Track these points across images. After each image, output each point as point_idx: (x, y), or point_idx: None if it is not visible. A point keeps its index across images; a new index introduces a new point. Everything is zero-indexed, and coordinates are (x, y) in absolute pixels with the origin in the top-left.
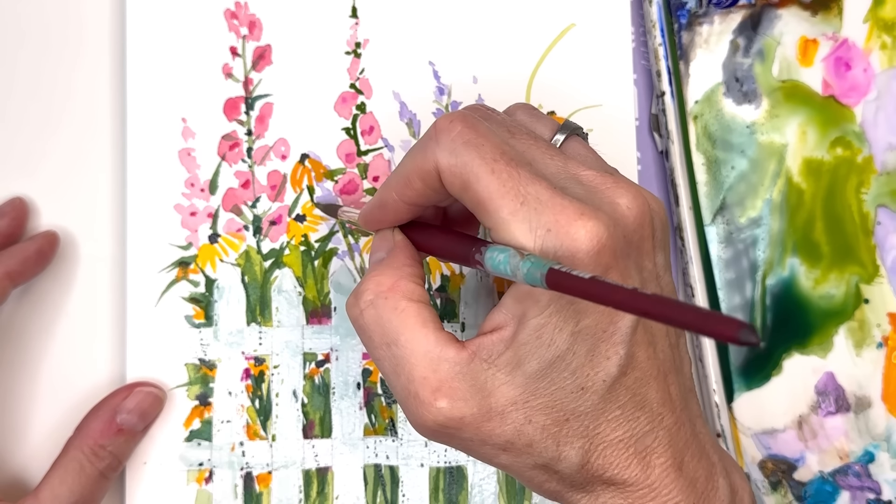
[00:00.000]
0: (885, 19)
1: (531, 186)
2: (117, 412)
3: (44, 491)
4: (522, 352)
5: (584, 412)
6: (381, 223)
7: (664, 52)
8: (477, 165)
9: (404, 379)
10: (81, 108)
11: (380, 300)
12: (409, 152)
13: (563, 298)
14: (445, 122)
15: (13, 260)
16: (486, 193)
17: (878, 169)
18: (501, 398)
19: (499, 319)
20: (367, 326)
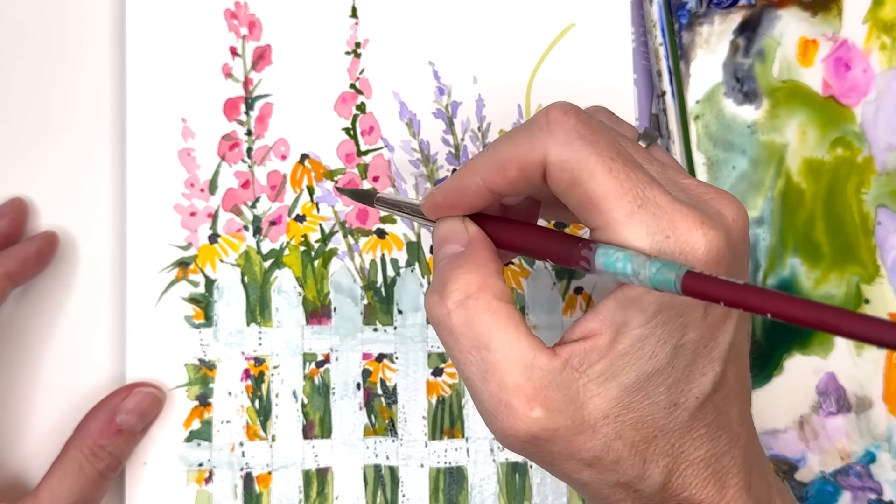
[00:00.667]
0: (884, 20)
1: (649, 190)
2: (117, 412)
3: (43, 491)
4: (620, 363)
5: (673, 429)
6: (452, 210)
7: (665, 52)
8: (593, 162)
9: (495, 386)
10: (81, 109)
11: (471, 301)
12: (508, 138)
13: (672, 310)
14: (559, 112)
15: (12, 260)
16: (600, 192)
17: (878, 169)
18: (594, 410)
19: (592, 326)
20: (454, 328)
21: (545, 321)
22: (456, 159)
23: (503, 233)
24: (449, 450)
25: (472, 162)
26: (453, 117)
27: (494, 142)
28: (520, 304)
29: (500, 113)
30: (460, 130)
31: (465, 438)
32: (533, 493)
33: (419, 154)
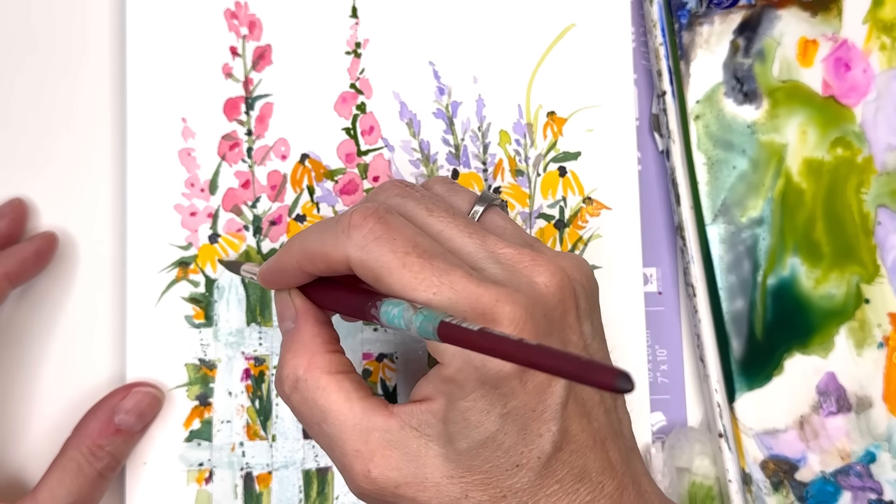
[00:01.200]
0: (884, 20)
1: (444, 276)
2: (115, 412)
3: (42, 492)
4: (452, 430)
5: (521, 488)
6: (280, 285)
7: (665, 52)
8: (388, 260)
9: (338, 453)
10: (82, 109)
11: (300, 383)
12: (316, 232)
13: (487, 384)
14: (359, 217)
15: (11, 261)
16: (398, 286)
17: (877, 169)
18: (436, 470)
19: (427, 391)
20: (295, 409)
21: None
22: (456, 159)
23: (317, 296)
24: None
25: (290, 244)
26: (453, 117)
27: (307, 230)
28: None
29: (500, 113)
30: (460, 130)
31: None
32: None
33: (419, 154)
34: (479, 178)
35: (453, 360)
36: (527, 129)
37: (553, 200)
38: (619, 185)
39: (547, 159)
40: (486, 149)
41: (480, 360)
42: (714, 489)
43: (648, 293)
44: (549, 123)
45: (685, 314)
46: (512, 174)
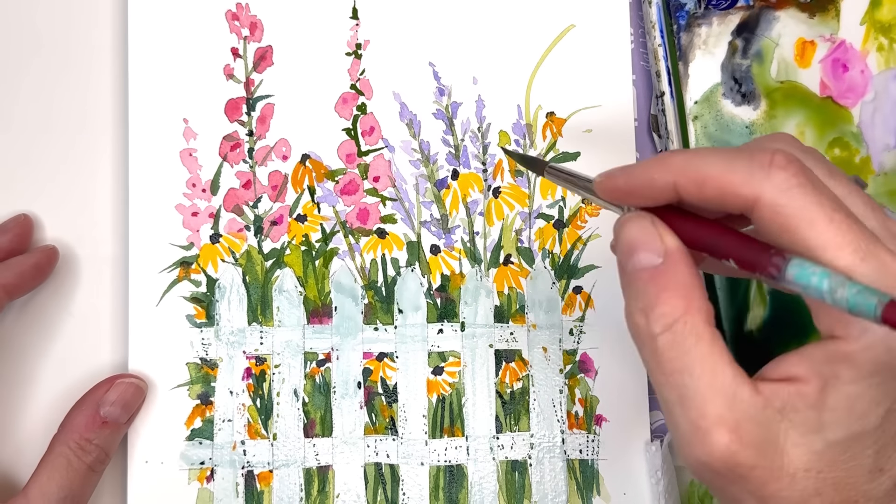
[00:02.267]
0: (881, 21)
1: (872, 245)
2: (100, 405)
3: (32, 489)
4: (828, 417)
5: (876, 496)
6: (629, 198)
7: (663, 53)
8: (814, 211)
9: (694, 413)
10: (84, 109)
11: (678, 325)
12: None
13: (890, 371)
14: (783, 159)
15: (10, 273)
16: (819, 241)
17: (875, 169)
18: (795, 460)
19: (797, 370)
20: (660, 351)
21: (544, 320)
22: (456, 160)
23: (687, 230)
24: (449, 448)
25: (669, 158)
26: (453, 118)
27: (704, 151)
28: (519, 303)
29: (500, 113)
30: (460, 131)
31: (465, 437)
32: (532, 491)
33: (419, 154)
34: (478, 179)
35: (863, 336)
36: (526, 129)
37: (552, 200)
38: None
39: (546, 160)
40: (486, 149)
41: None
42: None
43: None
44: (548, 124)
45: None
46: (511, 174)
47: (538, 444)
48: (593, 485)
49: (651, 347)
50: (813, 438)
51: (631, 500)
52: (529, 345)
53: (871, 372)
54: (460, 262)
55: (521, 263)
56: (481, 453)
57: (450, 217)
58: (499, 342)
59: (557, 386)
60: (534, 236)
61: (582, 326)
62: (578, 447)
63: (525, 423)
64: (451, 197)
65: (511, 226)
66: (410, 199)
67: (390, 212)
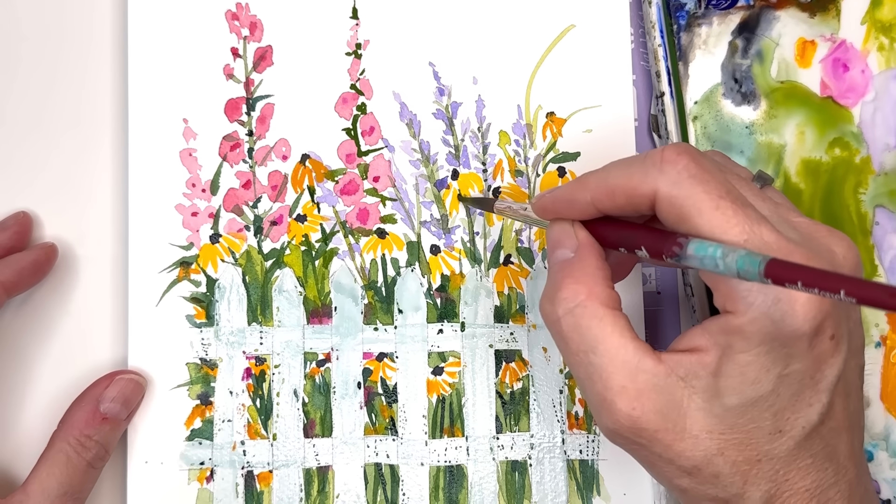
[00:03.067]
0: (882, 21)
1: (756, 227)
2: (100, 401)
3: (32, 485)
4: (724, 384)
5: (778, 456)
6: (558, 216)
7: (663, 53)
8: (701, 200)
9: (600, 386)
10: (83, 109)
11: (578, 308)
12: (622, 167)
13: (776, 340)
14: (672, 152)
15: (8, 270)
16: (707, 227)
17: (875, 169)
18: (697, 423)
19: (699, 342)
20: (564, 333)
21: None
22: (456, 160)
23: (603, 232)
24: (449, 448)
25: (585, 178)
26: (453, 118)
27: (609, 165)
28: (519, 303)
29: (500, 113)
30: (460, 131)
31: (465, 437)
32: (532, 491)
33: (419, 154)
34: (478, 179)
35: (749, 310)
36: (526, 129)
37: None
38: None
39: (546, 160)
40: (486, 149)
41: (780, 314)
42: None
43: (647, 293)
44: (548, 124)
45: (683, 313)
46: (511, 174)
47: (538, 444)
48: (593, 485)
49: (557, 329)
50: (713, 403)
51: (631, 500)
52: (529, 345)
53: (759, 342)
54: (460, 263)
55: (522, 263)
56: (481, 453)
57: (450, 217)
58: (499, 342)
59: (557, 386)
60: (534, 236)
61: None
62: (578, 447)
63: (525, 423)
64: (451, 197)
65: (511, 226)
66: (410, 199)
67: (390, 212)
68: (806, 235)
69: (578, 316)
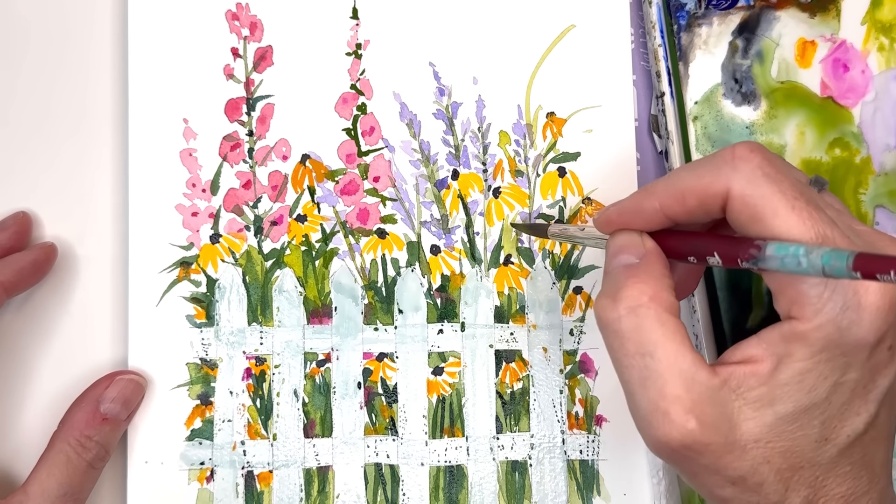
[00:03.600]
0: (882, 21)
1: (829, 230)
2: (100, 402)
3: (32, 485)
4: (779, 392)
5: (820, 463)
6: (624, 227)
7: (664, 53)
8: (777, 200)
9: (654, 393)
10: (84, 109)
11: (642, 309)
12: (691, 169)
13: (838, 348)
14: (745, 149)
15: (8, 270)
16: (783, 228)
17: (875, 170)
18: (747, 433)
19: (754, 352)
20: (622, 333)
21: (545, 321)
22: (456, 160)
23: (672, 240)
24: (449, 448)
25: (652, 186)
26: (453, 118)
27: (676, 170)
28: (519, 303)
29: (500, 113)
30: (460, 131)
31: (465, 437)
32: (532, 491)
33: (419, 154)
34: (479, 179)
35: (816, 317)
36: (526, 129)
37: (553, 201)
38: (618, 185)
39: (546, 160)
40: (486, 149)
41: (847, 322)
42: None
43: None
44: (548, 124)
45: (683, 313)
46: (512, 174)
47: (538, 444)
48: (593, 485)
49: (615, 329)
50: (764, 412)
51: (631, 500)
52: (529, 345)
53: (821, 349)
54: (460, 263)
55: (522, 264)
56: (481, 454)
57: (450, 217)
58: (499, 342)
59: (558, 386)
60: (534, 237)
61: (582, 327)
62: (579, 447)
63: (525, 423)
64: (451, 197)
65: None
66: (410, 200)
67: (390, 212)
68: (870, 243)
69: (642, 317)
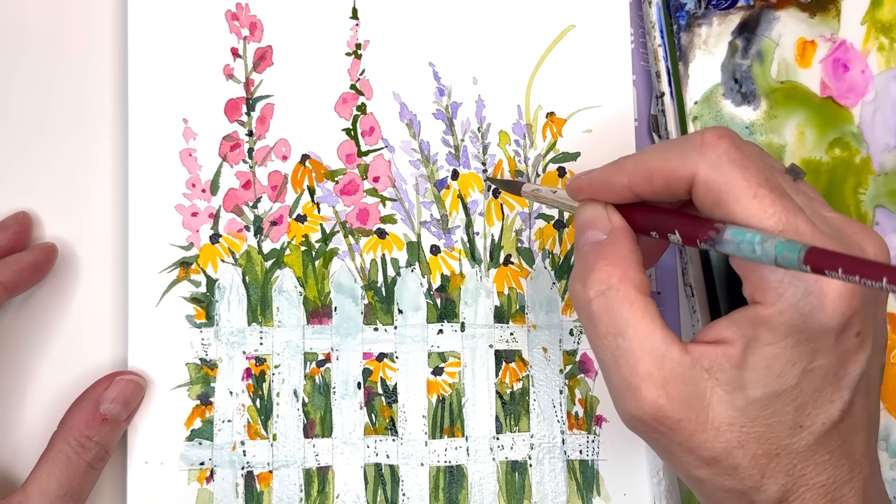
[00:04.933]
0: (882, 21)
1: (791, 217)
2: (100, 402)
3: (32, 485)
4: (749, 377)
5: (796, 450)
6: (593, 197)
7: (663, 53)
8: (739, 186)
9: (626, 371)
10: (83, 110)
11: (611, 291)
12: (660, 150)
13: (803, 334)
14: (713, 135)
15: (8, 270)
16: (743, 215)
17: (875, 170)
18: (720, 415)
19: (725, 334)
20: (594, 314)
21: (545, 321)
22: (456, 160)
23: (636, 214)
24: (449, 449)
25: (622, 161)
26: (453, 118)
27: (647, 149)
28: (519, 303)
29: (500, 113)
30: (460, 131)
31: (465, 437)
32: (532, 491)
33: (419, 154)
34: (478, 179)
35: (778, 301)
36: (526, 129)
37: None
38: None
39: (546, 160)
40: (486, 149)
41: (809, 307)
42: None
43: None
44: (548, 124)
45: (683, 314)
46: (511, 175)
47: (538, 444)
48: (593, 485)
49: (587, 311)
50: (736, 395)
51: (631, 500)
52: (529, 345)
53: (786, 334)
54: (460, 263)
55: (522, 263)
56: (481, 454)
57: (450, 217)
58: (499, 342)
59: (557, 386)
60: (534, 236)
61: (582, 327)
62: (578, 447)
63: (525, 423)
64: (450, 197)
65: (511, 226)
66: (410, 200)
67: (390, 212)
68: (838, 230)
69: (611, 298)
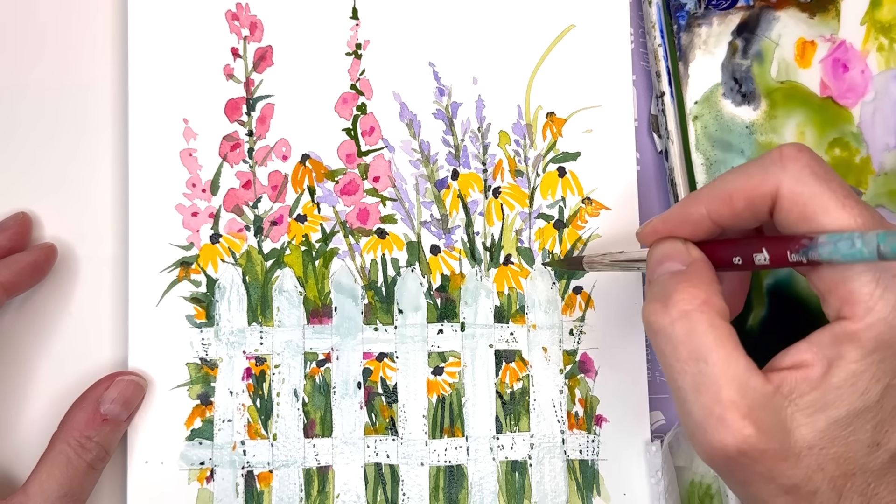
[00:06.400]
0: (882, 21)
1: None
2: (100, 403)
3: (32, 486)
4: (831, 396)
5: (872, 469)
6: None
7: (663, 53)
8: (827, 198)
9: (708, 399)
10: (83, 109)
11: (695, 313)
12: (738, 171)
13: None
14: (793, 149)
15: (8, 271)
16: (833, 226)
17: (875, 170)
18: (800, 440)
19: (804, 357)
20: (675, 338)
21: (544, 321)
22: (456, 160)
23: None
24: (449, 448)
25: (696, 193)
26: (453, 118)
27: (720, 176)
28: (519, 303)
29: (500, 113)
30: (460, 131)
31: (465, 437)
32: (532, 491)
33: (419, 154)
34: (478, 179)
35: (867, 315)
36: (526, 129)
37: (552, 200)
38: (618, 185)
39: (546, 160)
40: (486, 149)
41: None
42: (713, 487)
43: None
44: (548, 124)
45: None
46: (511, 174)
47: (538, 444)
48: (593, 485)
49: (666, 334)
50: (817, 417)
51: (631, 500)
52: (529, 345)
53: (874, 349)
54: (460, 262)
55: (522, 263)
56: (481, 453)
57: (450, 217)
58: (499, 342)
59: (557, 386)
60: (534, 236)
61: (582, 327)
62: (578, 447)
63: (525, 423)
64: (450, 197)
65: (511, 226)
66: (410, 199)
67: (390, 212)
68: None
69: (695, 321)
